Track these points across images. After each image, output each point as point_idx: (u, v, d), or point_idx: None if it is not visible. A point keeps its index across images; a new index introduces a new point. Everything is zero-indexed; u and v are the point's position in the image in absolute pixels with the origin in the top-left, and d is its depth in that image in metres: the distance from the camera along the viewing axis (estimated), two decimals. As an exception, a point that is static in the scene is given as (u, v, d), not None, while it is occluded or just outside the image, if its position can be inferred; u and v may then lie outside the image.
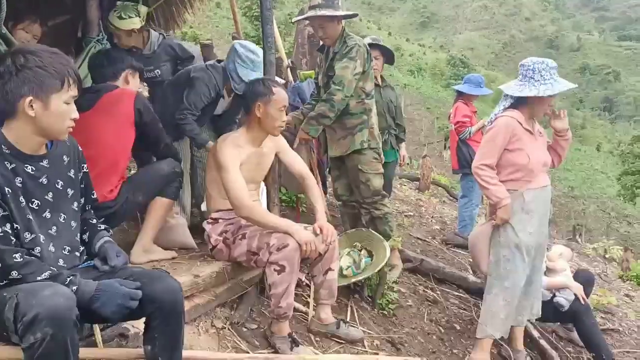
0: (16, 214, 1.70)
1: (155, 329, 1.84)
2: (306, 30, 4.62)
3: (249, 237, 2.73)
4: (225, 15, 24.64)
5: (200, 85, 3.32)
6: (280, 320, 2.67)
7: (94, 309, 1.68)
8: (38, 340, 1.47)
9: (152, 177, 2.81)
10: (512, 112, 3.11)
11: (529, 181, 3.09)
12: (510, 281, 3.14)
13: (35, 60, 1.66)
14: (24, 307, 1.50)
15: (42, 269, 1.67)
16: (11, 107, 1.67)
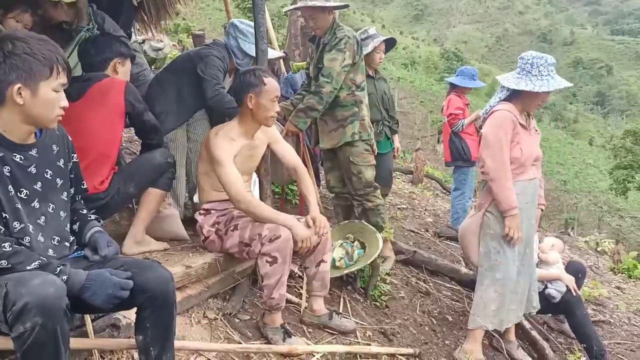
0: (5, 204, 1.68)
1: (146, 319, 1.83)
2: (299, 21, 4.60)
3: (241, 228, 2.72)
4: (218, 7, 24.48)
5: (213, 58, 3.25)
6: (272, 312, 2.67)
7: (84, 299, 1.66)
8: (28, 330, 1.45)
9: (144, 168, 2.79)
10: (506, 105, 3.10)
11: (519, 174, 3.11)
12: (501, 273, 3.15)
13: (24, 47, 1.63)
14: (13, 296, 1.48)
15: (31, 258, 1.65)
16: None
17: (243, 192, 2.69)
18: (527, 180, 3.15)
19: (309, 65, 3.82)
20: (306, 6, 3.46)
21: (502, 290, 3.16)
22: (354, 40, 3.52)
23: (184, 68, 3.36)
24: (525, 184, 3.13)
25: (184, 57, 3.56)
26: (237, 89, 2.84)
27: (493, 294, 3.16)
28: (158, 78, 3.50)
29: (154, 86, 3.41)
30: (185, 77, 3.32)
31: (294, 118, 3.52)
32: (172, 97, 3.31)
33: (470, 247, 3.33)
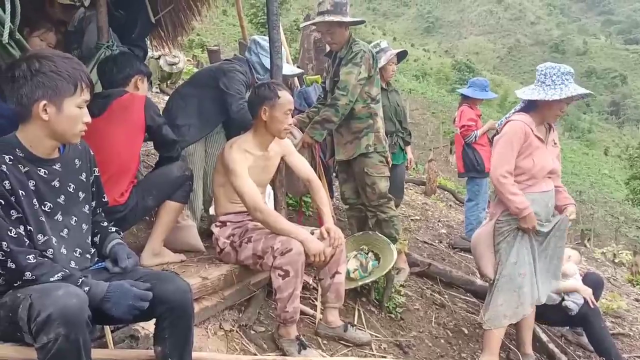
0: (29, 217, 1.73)
1: (165, 330, 1.86)
2: (312, 35, 4.65)
3: (255, 241, 2.74)
4: (232, 22, 24.82)
5: (236, 73, 3.31)
6: (287, 324, 2.68)
7: (105, 310, 1.70)
8: (51, 341, 1.48)
9: (162, 181, 2.83)
10: (522, 116, 3.12)
11: (530, 186, 3.11)
12: (516, 283, 3.13)
13: (50, 65, 1.69)
14: (37, 307, 1.52)
15: (54, 270, 1.69)
16: (26, 111, 1.70)
17: (260, 202, 2.72)
18: (539, 192, 3.13)
19: (325, 78, 3.87)
20: (324, 21, 3.52)
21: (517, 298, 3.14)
22: (370, 54, 3.58)
23: (207, 82, 3.40)
24: (536, 196, 3.11)
25: (206, 71, 3.63)
26: (252, 101, 2.89)
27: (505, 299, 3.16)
28: (180, 92, 3.56)
29: (176, 100, 3.46)
30: (207, 92, 3.36)
31: (311, 130, 3.57)
32: (194, 110, 3.36)
33: (483, 257, 3.31)
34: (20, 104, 1.69)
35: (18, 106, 1.70)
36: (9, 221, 1.66)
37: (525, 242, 3.15)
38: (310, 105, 4.16)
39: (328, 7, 3.50)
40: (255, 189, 2.75)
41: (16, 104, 1.70)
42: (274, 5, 3.09)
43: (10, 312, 1.62)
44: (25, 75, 1.67)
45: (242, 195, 2.72)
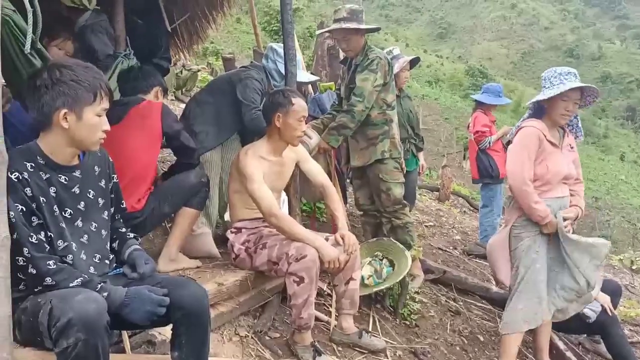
0: (50, 223, 1.76)
1: (182, 335, 1.88)
2: (326, 43, 4.68)
3: (269, 247, 2.76)
4: (245, 30, 24.99)
5: (252, 81, 3.34)
6: (302, 331, 2.68)
7: (123, 315, 1.72)
8: (71, 345, 1.51)
9: (178, 188, 2.86)
10: (534, 122, 3.12)
11: (545, 191, 3.08)
12: (533, 289, 3.09)
13: (70, 74, 1.72)
14: (57, 312, 1.54)
15: (74, 276, 1.72)
16: (47, 119, 1.73)
17: (276, 207, 2.74)
18: (554, 198, 3.10)
19: (340, 85, 3.90)
20: (340, 28, 3.56)
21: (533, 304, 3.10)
22: (385, 61, 3.61)
23: (223, 89, 3.44)
24: (551, 201, 3.09)
25: (223, 78, 3.67)
26: (266, 108, 2.92)
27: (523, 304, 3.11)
28: (197, 99, 3.60)
29: (194, 106, 3.50)
30: (224, 99, 3.40)
31: (326, 136, 3.60)
32: (211, 117, 3.40)
33: (498, 264, 3.30)
34: (42, 112, 1.73)
35: (39, 114, 1.73)
36: (30, 227, 1.70)
37: (542, 247, 3.11)
38: (324, 112, 4.18)
39: (344, 14, 3.56)
40: (271, 194, 2.77)
41: (37, 112, 1.73)
42: (288, 13, 3.12)
43: (32, 317, 1.65)
44: (46, 85, 1.71)
45: (258, 201, 2.74)
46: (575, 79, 2.99)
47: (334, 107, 3.99)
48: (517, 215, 3.15)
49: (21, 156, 1.72)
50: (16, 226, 1.65)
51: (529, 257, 3.11)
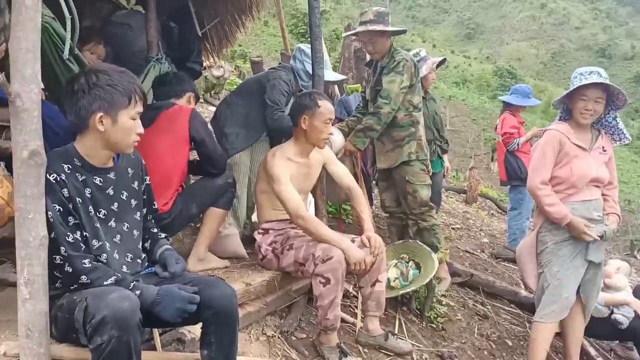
0: (85, 223, 1.82)
1: (211, 334, 1.91)
2: (353, 45, 4.69)
3: (296, 248, 2.78)
4: (272, 33, 25.17)
5: (280, 82, 3.39)
6: (328, 332, 2.70)
7: (155, 313, 1.76)
8: (104, 342, 1.56)
9: (205, 189, 2.91)
10: (559, 124, 3.11)
11: (571, 194, 3.03)
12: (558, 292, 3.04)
13: (106, 79, 1.78)
14: (92, 309, 1.60)
15: (108, 274, 1.77)
16: (83, 123, 1.79)
17: (302, 209, 2.76)
18: (581, 201, 3.03)
19: (365, 87, 3.91)
20: (366, 30, 3.57)
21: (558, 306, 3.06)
22: (412, 63, 3.62)
23: (252, 91, 3.50)
24: (577, 204, 3.02)
25: (252, 80, 3.74)
26: (293, 110, 2.95)
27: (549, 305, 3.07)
28: (227, 100, 3.66)
29: (224, 108, 3.57)
30: (253, 100, 3.46)
31: (353, 138, 3.62)
32: (240, 119, 3.45)
33: (526, 269, 3.24)
34: (79, 115, 1.78)
35: (76, 118, 1.79)
36: (67, 227, 1.76)
37: (568, 251, 3.04)
38: (350, 113, 4.19)
39: (371, 16, 3.57)
40: (298, 195, 2.80)
41: (74, 115, 1.79)
42: (316, 16, 3.15)
43: (67, 313, 1.71)
44: (83, 89, 1.76)
45: (285, 202, 2.77)
46: (598, 77, 2.91)
47: (358, 109, 4.01)
48: (543, 219, 3.11)
49: (59, 158, 1.78)
50: (54, 226, 1.71)
51: (553, 261, 3.06)
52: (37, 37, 1.62)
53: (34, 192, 1.66)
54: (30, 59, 1.62)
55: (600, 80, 2.89)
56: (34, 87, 1.64)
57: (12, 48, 1.62)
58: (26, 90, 1.62)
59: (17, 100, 1.61)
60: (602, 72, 2.97)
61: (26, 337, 1.65)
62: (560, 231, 3.05)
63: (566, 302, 3.05)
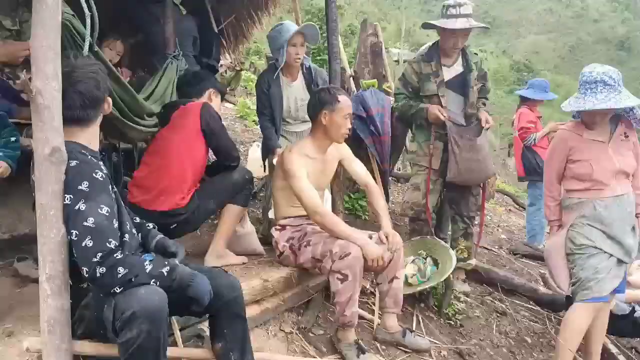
0: (118, 214, 1.82)
1: (223, 325, 1.96)
2: (369, 39, 4.65)
3: (314, 244, 2.78)
4: (286, 29, 25.24)
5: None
6: (345, 328, 2.69)
7: (188, 292, 1.77)
8: (134, 337, 1.59)
9: (223, 185, 2.92)
10: (569, 123, 3.12)
11: (600, 190, 2.93)
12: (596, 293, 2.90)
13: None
14: (122, 305, 1.62)
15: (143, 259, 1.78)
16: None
17: (319, 203, 2.76)
18: (612, 197, 2.93)
19: (423, 81, 3.59)
20: (479, 26, 3.62)
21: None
22: None
23: None
24: (609, 201, 2.93)
25: None
26: (312, 105, 2.93)
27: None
28: None
29: None
30: None
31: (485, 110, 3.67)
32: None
33: (557, 268, 3.11)
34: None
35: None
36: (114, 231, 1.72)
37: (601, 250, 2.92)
38: (366, 109, 4.14)
39: (470, 10, 3.48)
40: (314, 191, 2.79)
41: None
42: (333, 12, 3.13)
43: (96, 310, 1.73)
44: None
45: (301, 198, 2.76)
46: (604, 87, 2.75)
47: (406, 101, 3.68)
48: (572, 217, 3.00)
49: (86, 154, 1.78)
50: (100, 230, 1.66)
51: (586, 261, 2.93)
52: (58, 34, 1.64)
53: (55, 189, 1.68)
54: (51, 56, 1.63)
55: (608, 103, 2.73)
56: (55, 84, 1.66)
57: (33, 46, 1.64)
58: (47, 88, 1.64)
59: (38, 97, 1.63)
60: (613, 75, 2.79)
61: (48, 332, 1.68)
62: (593, 230, 2.93)
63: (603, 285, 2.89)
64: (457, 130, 3.51)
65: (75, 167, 1.70)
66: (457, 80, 3.59)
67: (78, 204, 1.64)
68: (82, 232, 1.63)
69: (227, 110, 8.81)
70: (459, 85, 3.58)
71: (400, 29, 18.87)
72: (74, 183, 1.67)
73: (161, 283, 1.70)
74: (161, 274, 1.71)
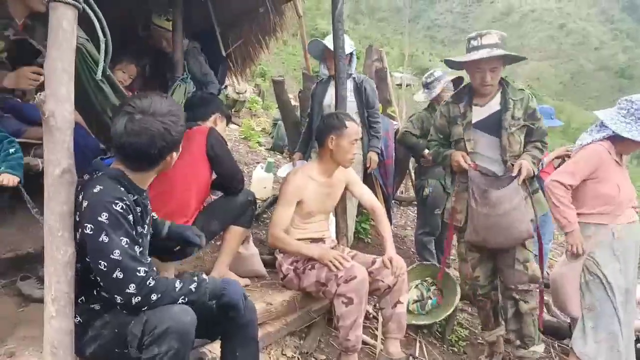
0: (141, 242, 1.81)
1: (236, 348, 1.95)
2: (374, 65, 4.72)
3: (318, 268, 2.78)
4: (291, 52, 25.48)
5: None
6: (349, 353, 2.67)
7: (221, 301, 1.81)
8: (162, 353, 1.58)
9: (226, 207, 2.91)
10: (604, 142, 2.95)
11: (618, 215, 2.90)
12: (607, 326, 2.87)
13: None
14: (154, 321, 1.62)
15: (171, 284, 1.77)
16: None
17: (276, 229, 2.88)
18: (630, 223, 2.90)
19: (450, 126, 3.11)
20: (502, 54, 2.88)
21: (607, 343, 2.87)
22: None
23: None
24: (626, 227, 2.89)
25: None
26: (320, 130, 2.96)
27: (594, 344, 2.88)
28: None
29: None
30: None
31: (533, 166, 2.92)
32: None
33: (569, 297, 3.05)
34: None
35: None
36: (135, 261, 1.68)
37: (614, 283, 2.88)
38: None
39: (497, 39, 2.90)
40: (284, 220, 2.89)
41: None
42: (339, 38, 3.17)
43: (117, 328, 1.72)
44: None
45: (272, 219, 2.91)
46: None
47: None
48: (590, 245, 2.94)
49: (115, 183, 1.73)
50: (121, 264, 1.64)
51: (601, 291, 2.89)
52: (72, 58, 1.67)
53: (63, 210, 1.68)
54: (65, 79, 1.66)
55: None
56: (67, 106, 1.68)
57: (47, 68, 1.67)
58: (60, 110, 1.66)
59: (50, 120, 1.65)
60: None
61: (51, 354, 1.66)
62: (612, 259, 2.88)
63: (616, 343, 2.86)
64: (481, 180, 2.92)
65: (98, 194, 1.66)
66: (489, 121, 2.98)
67: (101, 236, 1.63)
68: (110, 264, 1.63)
69: (231, 132, 8.87)
70: (492, 127, 2.97)
71: (402, 54, 19.05)
72: (94, 213, 1.63)
73: (191, 298, 1.74)
74: (190, 290, 1.75)
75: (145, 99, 1.70)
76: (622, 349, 2.85)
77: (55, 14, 1.69)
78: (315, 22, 27.47)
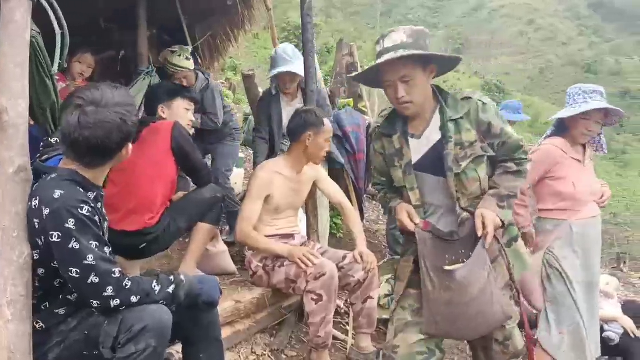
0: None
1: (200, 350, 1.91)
2: (345, 60, 4.71)
3: (288, 265, 2.76)
4: (263, 45, 25.29)
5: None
6: (319, 349, 2.67)
7: (200, 300, 1.80)
8: (139, 351, 1.55)
9: (193, 203, 2.86)
10: (555, 139, 3.04)
11: (578, 211, 2.95)
12: (569, 318, 2.91)
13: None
14: (130, 320, 1.58)
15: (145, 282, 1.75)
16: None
17: (244, 225, 2.84)
18: (590, 217, 2.96)
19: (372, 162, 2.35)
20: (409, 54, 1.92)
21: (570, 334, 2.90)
22: None
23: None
24: (586, 222, 2.95)
25: None
26: (297, 125, 2.92)
27: (558, 335, 2.91)
28: None
29: None
30: None
31: (501, 211, 2.00)
32: None
33: (531, 289, 3.07)
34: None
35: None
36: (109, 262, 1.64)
37: (573, 278, 2.92)
38: (342, 128, 4.15)
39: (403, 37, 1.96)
40: (253, 215, 2.85)
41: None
42: (309, 32, 3.14)
43: (87, 330, 1.66)
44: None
45: (240, 215, 2.87)
46: (602, 97, 2.89)
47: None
48: (550, 238, 2.97)
49: (74, 185, 1.65)
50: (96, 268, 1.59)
51: (560, 283, 2.93)
52: (26, 52, 1.60)
53: (19, 210, 1.62)
54: (18, 74, 1.60)
55: (604, 104, 2.85)
56: (21, 102, 1.62)
57: (0, 63, 1.59)
58: (14, 105, 1.60)
59: (4, 115, 1.59)
60: (603, 91, 2.94)
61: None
62: (571, 253, 2.92)
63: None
64: (436, 248, 2.03)
65: (60, 200, 1.57)
66: (431, 157, 2.08)
67: (71, 243, 1.56)
68: (84, 270, 1.57)
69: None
70: (437, 165, 2.06)
71: (375, 48, 18.97)
72: (60, 220, 1.56)
73: (169, 303, 1.72)
74: (168, 294, 1.73)
75: (96, 90, 1.61)
76: (584, 337, 2.91)
77: (8, 6, 1.61)
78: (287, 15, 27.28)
